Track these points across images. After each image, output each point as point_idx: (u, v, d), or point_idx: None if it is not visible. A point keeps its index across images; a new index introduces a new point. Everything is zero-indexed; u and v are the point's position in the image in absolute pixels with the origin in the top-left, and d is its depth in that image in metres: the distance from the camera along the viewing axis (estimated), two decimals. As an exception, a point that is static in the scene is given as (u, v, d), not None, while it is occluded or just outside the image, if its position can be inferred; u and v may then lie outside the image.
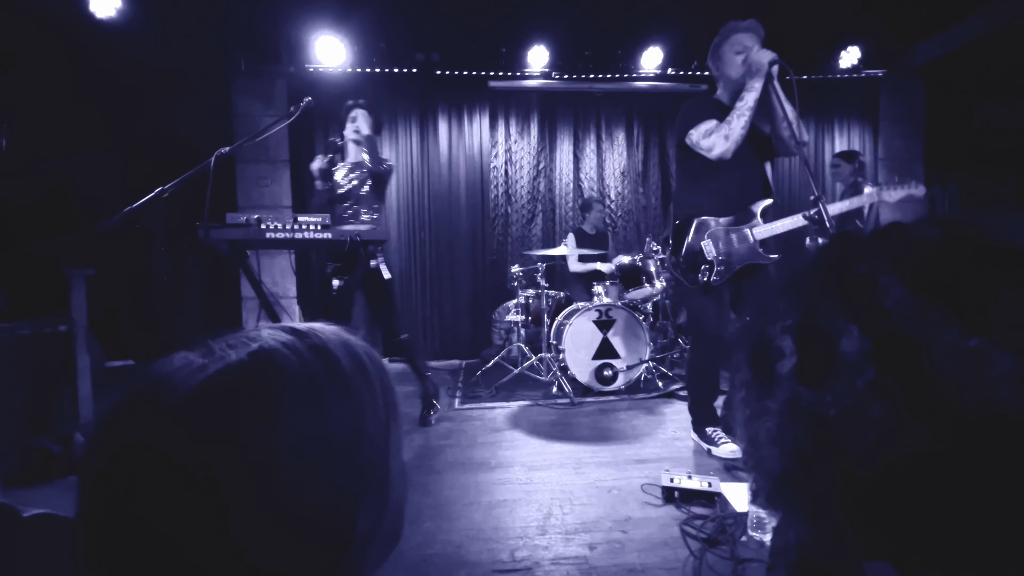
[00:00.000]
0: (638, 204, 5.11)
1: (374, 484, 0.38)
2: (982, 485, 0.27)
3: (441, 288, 4.90)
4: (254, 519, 0.32)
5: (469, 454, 2.45)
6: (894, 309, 0.28)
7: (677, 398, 3.32)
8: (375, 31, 4.23)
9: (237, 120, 4.53)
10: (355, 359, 0.39)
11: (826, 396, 0.29)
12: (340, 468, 0.35)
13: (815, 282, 0.34)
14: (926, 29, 4.59)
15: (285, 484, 0.33)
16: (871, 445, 0.28)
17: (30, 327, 2.53)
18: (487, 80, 4.71)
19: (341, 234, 1.91)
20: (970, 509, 0.27)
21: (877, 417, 0.28)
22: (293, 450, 0.33)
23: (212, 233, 1.71)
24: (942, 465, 0.27)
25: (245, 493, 0.32)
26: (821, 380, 0.30)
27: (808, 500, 0.32)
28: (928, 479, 0.28)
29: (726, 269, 2.21)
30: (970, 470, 0.27)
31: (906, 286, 0.29)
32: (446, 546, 1.64)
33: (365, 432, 0.37)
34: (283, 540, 0.33)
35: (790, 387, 0.31)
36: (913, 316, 0.28)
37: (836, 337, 0.30)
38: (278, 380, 0.34)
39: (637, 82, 4.84)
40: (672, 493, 1.87)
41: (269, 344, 0.36)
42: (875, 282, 0.30)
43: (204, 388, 0.33)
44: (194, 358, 0.35)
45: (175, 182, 1.43)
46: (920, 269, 0.30)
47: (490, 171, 4.94)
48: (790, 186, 5.27)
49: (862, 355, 0.29)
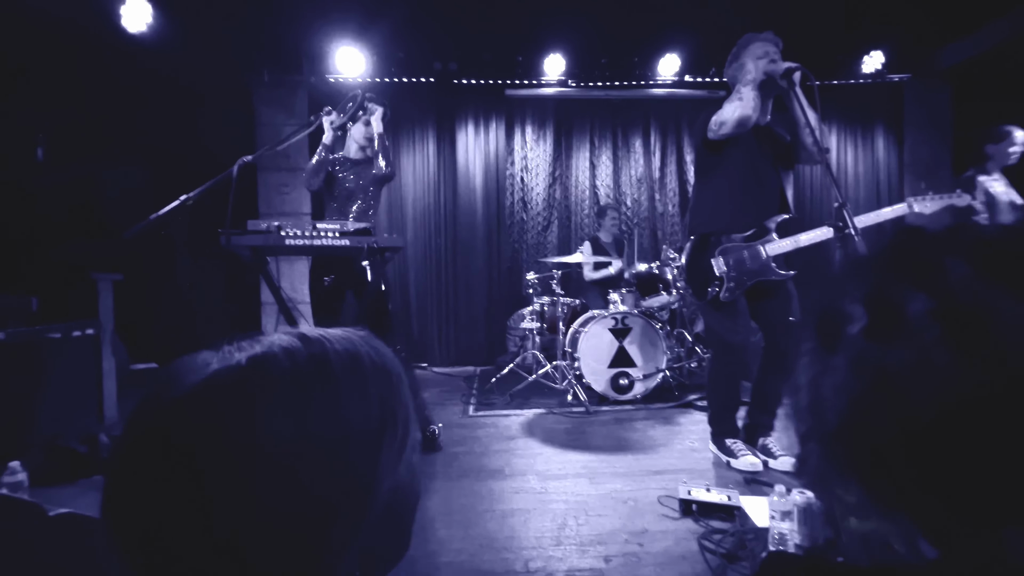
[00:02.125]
0: (655, 211, 5.07)
1: (357, 490, 0.39)
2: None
3: (456, 294, 4.92)
4: (234, 513, 0.35)
5: (483, 462, 2.44)
6: (958, 284, 0.32)
7: (695, 408, 3.26)
8: (394, 41, 4.31)
9: (260, 129, 4.64)
10: (354, 368, 0.41)
11: (893, 351, 0.33)
12: (319, 472, 0.37)
13: (882, 265, 0.37)
14: (951, 33, 4.49)
15: (262, 481, 0.35)
16: (932, 390, 0.32)
17: (60, 330, 2.61)
18: (504, 88, 4.75)
19: (359, 241, 1.93)
20: (1015, 459, 0.30)
21: (941, 364, 0.31)
22: (272, 450, 0.36)
23: (234, 240, 1.76)
24: (995, 411, 0.30)
25: (225, 486, 0.35)
26: (889, 337, 0.34)
27: (863, 451, 0.35)
28: (981, 424, 0.31)
29: (736, 286, 2.18)
30: (1015, 419, 0.30)
31: (970, 266, 0.33)
32: (459, 554, 1.63)
33: (351, 434, 0.39)
34: (260, 535, 0.35)
35: (858, 345, 0.35)
36: (975, 289, 0.32)
37: (905, 301, 0.33)
38: (266, 380, 0.37)
39: (654, 89, 4.82)
40: (690, 506, 1.83)
41: (269, 349, 0.39)
42: (940, 263, 0.33)
43: (201, 387, 0.36)
44: (208, 358, 0.39)
45: (199, 190, 1.47)
46: (983, 254, 0.33)
47: (506, 178, 4.96)
48: (811, 193, 5.18)
49: (929, 315, 0.32)
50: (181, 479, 0.34)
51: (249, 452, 0.35)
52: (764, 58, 2.10)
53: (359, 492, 0.39)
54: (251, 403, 0.36)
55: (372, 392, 0.41)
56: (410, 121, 4.87)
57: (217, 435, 0.35)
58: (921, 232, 0.37)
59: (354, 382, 0.40)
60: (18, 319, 2.46)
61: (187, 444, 0.35)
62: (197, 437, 0.35)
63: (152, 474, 0.35)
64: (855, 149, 5.22)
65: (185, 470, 0.34)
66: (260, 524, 0.35)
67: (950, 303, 0.32)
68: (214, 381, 0.37)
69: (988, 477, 0.32)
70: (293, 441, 0.36)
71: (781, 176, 2.24)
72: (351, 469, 0.39)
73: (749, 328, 2.25)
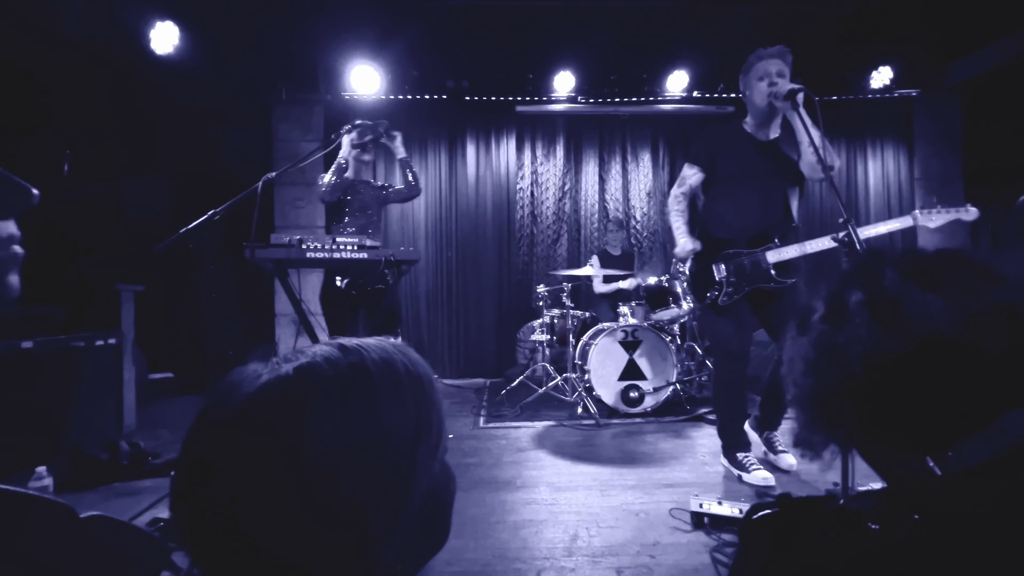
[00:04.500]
0: (664, 225, 5.10)
1: (394, 487, 0.42)
2: (928, 380, 0.44)
3: (467, 307, 4.96)
4: (286, 512, 0.38)
5: (494, 473, 2.45)
6: (888, 284, 0.48)
7: (706, 421, 3.25)
8: (408, 60, 4.43)
9: (277, 146, 4.77)
10: (390, 375, 0.44)
11: (839, 330, 0.48)
12: (361, 467, 0.40)
13: (844, 275, 0.52)
14: (960, 50, 4.52)
15: (310, 482, 0.39)
16: (861, 353, 0.46)
17: (84, 339, 2.68)
18: (514, 105, 4.84)
19: (377, 254, 1.99)
20: (920, 394, 0.44)
21: (864, 335, 0.46)
22: (319, 453, 0.39)
23: (258, 253, 1.82)
24: (904, 365, 0.45)
25: (278, 488, 0.38)
26: (837, 321, 0.49)
27: (819, 397, 0.50)
28: (895, 374, 0.45)
29: (734, 291, 2.24)
30: (920, 369, 0.44)
31: (897, 273, 0.48)
32: (473, 564, 1.64)
33: (390, 439, 0.42)
34: (309, 532, 0.39)
35: (817, 328, 0.50)
36: (898, 287, 0.47)
37: (848, 296, 0.49)
38: (313, 388, 0.41)
39: (663, 105, 4.89)
40: (701, 519, 1.83)
41: (313, 360, 0.42)
42: (881, 271, 0.49)
43: (255, 396, 0.40)
44: (259, 368, 0.42)
45: (226, 204, 1.53)
46: (907, 265, 0.49)
47: (516, 193, 5.03)
48: (821, 209, 5.18)
49: (861, 304, 0.48)
50: (240, 483, 0.38)
51: (299, 456, 0.39)
52: (764, 80, 2.17)
53: (398, 491, 0.42)
54: (300, 411, 0.39)
55: (408, 398, 0.44)
56: (422, 137, 4.97)
57: (269, 442, 0.39)
58: (880, 253, 0.52)
59: (391, 389, 0.43)
60: (46, 329, 2.54)
61: (243, 451, 0.39)
62: (251, 444, 0.39)
63: (213, 480, 0.39)
64: (864, 164, 5.23)
65: (242, 475, 0.38)
66: (309, 522, 0.38)
67: (876, 296, 0.47)
68: (265, 392, 0.40)
69: (905, 415, 0.45)
70: (338, 445, 0.39)
71: (787, 189, 2.28)
72: (391, 469, 0.42)
73: (750, 338, 2.28)
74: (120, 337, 2.96)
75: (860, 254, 0.55)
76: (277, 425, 0.39)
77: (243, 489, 0.38)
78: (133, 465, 2.30)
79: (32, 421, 2.38)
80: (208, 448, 0.40)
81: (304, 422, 0.39)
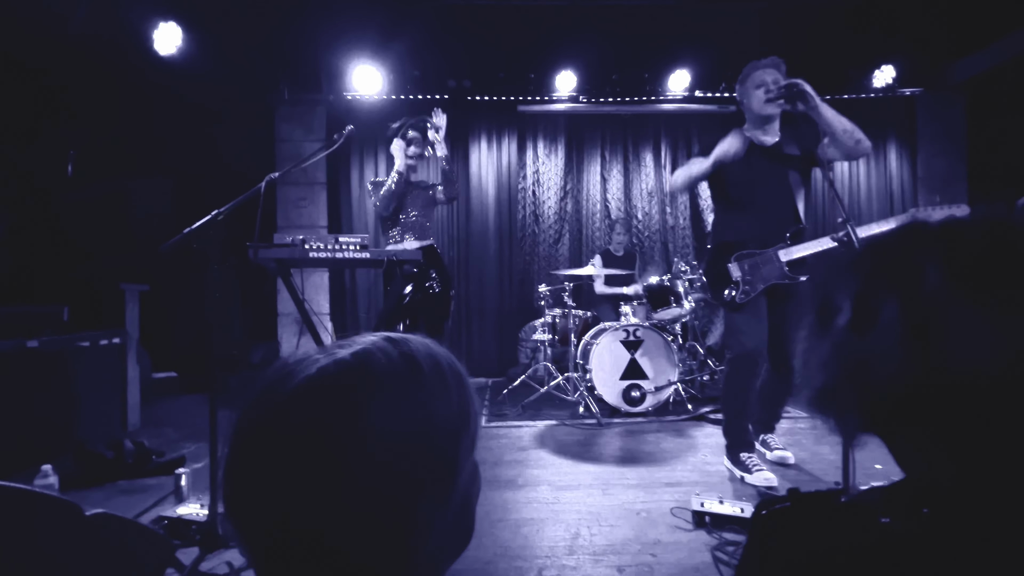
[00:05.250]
0: (665, 224, 5.10)
1: (439, 478, 0.43)
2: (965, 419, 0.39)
3: (469, 306, 4.97)
4: (337, 496, 0.38)
5: (496, 472, 2.46)
6: (928, 293, 0.40)
7: (708, 421, 3.25)
8: (410, 60, 4.43)
9: (279, 146, 4.78)
10: (436, 368, 0.45)
11: (866, 343, 0.42)
12: (411, 458, 0.41)
13: (878, 261, 0.45)
14: (963, 47, 4.49)
15: (361, 469, 0.39)
16: (888, 375, 0.41)
17: (89, 339, 2.70)
18: (516, 104, 4.84)
19: (379, 254, 2.00)
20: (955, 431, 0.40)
21: (898, 356, 0.40)
22: (373, 434, 0.39)
23: (261, 252, 1.83)
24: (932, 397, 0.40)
25: (332, 471, 0.38)
26: (864, 331, 0.43)
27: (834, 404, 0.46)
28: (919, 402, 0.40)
29: (751, 288, 2.29)
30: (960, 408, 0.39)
31: (944, 277, 0.40)
32: (474, 563, 1.65)
33: (437, 430, 0.43)
34: (358, 518, 0.39)
35: (843, 333, 0.44)
36: (941, 300, 0.39)
37: (881, 305, 0.42)
38: (370, 376, 0.41)
39: (664, 104, 4.89)
40: (703, 518, 1.84)
41: (368, 347, 0.43)
42: (921, 270, 0.41)
43: (314, 377, 0.40)
44: (314, 354, 0.43)
45: (230, 205, 1.54)
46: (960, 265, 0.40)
47: (518, 192, 5.03)
48: (818, 210, 5.17)
49: (896, 320, 0.41)
50: (293, 466, 0.38)
51: (352, 442, 0.39)
52: (761, 88, 2.23)
53: (443, 481, 0.43)
54: (356, 398, 0.40)
55: (452, 391, 0.45)
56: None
57: (325, 426, 0.39)
58: (922, 234, 0.44)
59: (437, 380, 0.44)
60: (51, 328, 2.56)
61: (298, 434, 0.39)
62: (307, 428, 0.39)
63: (267, 462, 0.39)
64: (867, 163, 5.21)
65: (297, 458, 0.38)
66: (355, 509, 0.38)
67: (914, 309, 0.40)
68: (322, 376, 0.40)
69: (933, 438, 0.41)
70: (390, 433, 0.40)
71: (793, 190, 2.34)
72: (438, 460, 0.42)
73: (765, 336, 2.29)
74: (124, 336, 2.98)
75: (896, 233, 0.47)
76: (334, 411, 0.39)
77: (297, 473, 0.38)
78: (137, 463, 2.32)
79: (37, 419, 2.40)
80: (264, 433, 0.40)
81: (360, 409, 0.39)
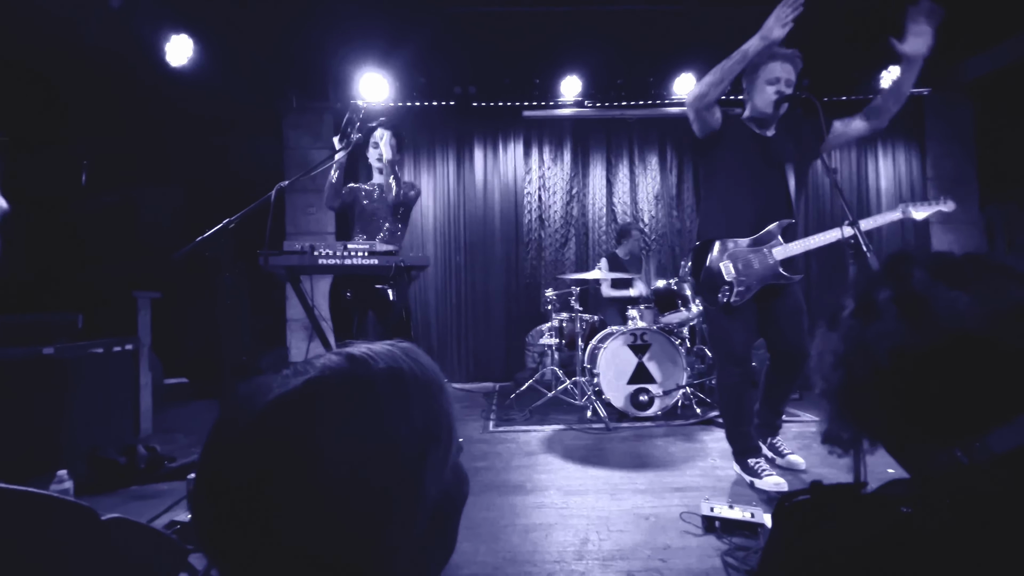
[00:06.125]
0: (672, 228, 5.09)
1: (406, 496, 0.43)
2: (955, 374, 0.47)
3: (475, 311, 4.99)
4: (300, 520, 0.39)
5: (504, 477, 2.46)
6: (916, 282, 0.50)
7: (716, 425, 3.23)
8: (416, 67, 4.48)
9: (288, 153, 4.84)
10: (397, 387, 0.44)
11: (868, 326, 0.51)
12: (370, 483, 0.41)
13: (874, 275, 0.54)
14: (971, 47, 4.46)
15: (322, 492, 0.40)
16: (889, 347, 0.49)
17: (102, 345, 2.74)
18: (521, 110, 4.87)
19: (387, 260, 2.01)
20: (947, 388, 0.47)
21: (893, 331, 0.49)
22: (328, 465, 0.40)
23: (271, 259, 1.86)
24: (932, 359, 0.47)
25: (291, 496, 0.39)
26: (866, 316, 0.52)
27: (848, 391, 0.53)
28: (924, 368, 0.48)
29: (746, 289, 2.18)
30: (948, 364, 0.47)
31: (925, 272, 0.50)
32: (483, 567, 1.65)
33: (396, 454, 0.43)
34: (322, 539, 0.40)
35: (847, 323, 0.53)
36: (926, 284, 0.49)
37: (877, 293, 0.52)
38: (319, 406, 0.42)
39: (669, 108, 4.89)
40: (712, 523, 1.82)
41: (321, 373, 0.43)
42: (910, 271, 0.51)
43: (267, 410, 0.42)
44: (270, 383, 0.44)
45: (240, 213, 1.57)
46: (934, 265, 0.51)
47: (524, 197, 5.05)
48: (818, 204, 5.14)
49: (890, 300, 0.51)
50: (255, 493, 0.39)
51: (310, 467, 0.40)
52: (773, 86, 2.17)
53: (408, 498, 0.43)
54: (310, 425, 0.41)
55: (414, 408, 0.45)
56: (430, 142, 5.02)
57: (281, 454, 0.40)
58: (908, 254, 0.54)
59: (396, 399, 0.44)
60: (66, 335, 2.60)
61: (260, 462, 0.40)
62: (264, 458, 0.40)
63: (230, 490, 0.40)
64: (876, 164, 5.18)
65: (258, 485, 0.39)
66: (321, 530, 0.39)
67: (905, 293, 0.50)
68: (276, 407, 0.41)
69: (932, 407, 0.48)
70: (346, 456, 0.40)
71: (787, 183, 2.25)
72: (399, 478, 0.42)
73: (753, 339, 2.26)
74: (137, 343, 3.03)
75: (889, 256, 0.58)
76: (291, 439, 0.40)
77: (259, 502, 0.39)
78: (150, 469, 2.34)
79: (52, 425, 2.44)
80: (227, 461, 0.41)
81: (314, 436, 0.40)
